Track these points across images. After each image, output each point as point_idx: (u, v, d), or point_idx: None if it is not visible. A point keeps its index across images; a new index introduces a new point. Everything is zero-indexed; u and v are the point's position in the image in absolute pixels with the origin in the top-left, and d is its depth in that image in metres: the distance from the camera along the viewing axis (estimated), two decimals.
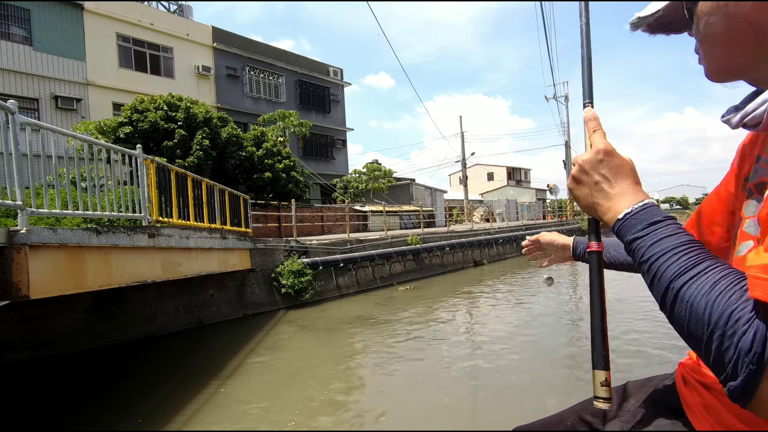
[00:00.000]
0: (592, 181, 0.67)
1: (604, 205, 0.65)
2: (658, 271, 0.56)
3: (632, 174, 0.66)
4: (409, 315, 8.51)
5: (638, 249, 0.59)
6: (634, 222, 0.61)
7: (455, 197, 31.46)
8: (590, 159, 0.67)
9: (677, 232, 0.58)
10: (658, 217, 0.60)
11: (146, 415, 4.34)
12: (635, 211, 0.62)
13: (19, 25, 14.88)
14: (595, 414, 0.87)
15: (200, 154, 12.23)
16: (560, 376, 5.08)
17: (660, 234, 0.58)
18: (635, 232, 0.60)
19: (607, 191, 0.65)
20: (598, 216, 0.68)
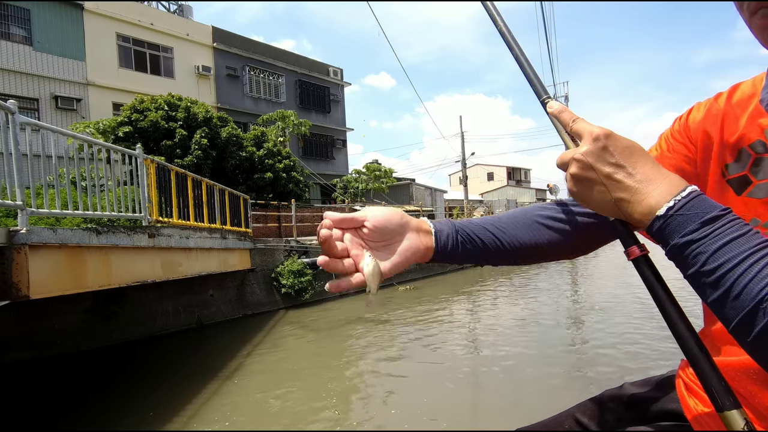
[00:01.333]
0: (603, 174, 0.52)
1: (630, 199, 0.51)
2: (738, 285, 0.43)
3: (647, 154, 0.54)
4: (410, 315, 8.51)
5: (696, 255, 0.46)
6: (682, 219, 0.48)
7: (455, 197, 31.45)
8: (591, 149, 0.53)
9: (747, 229, 0.46)
10: (714, 211, 0.47)
11: (146, 414, 4.34)
12: (681, 204, 0.48)
13: (19, 25, 14.87)
14: (592, 416, 0.87)
15: (199, 153, 12.23)
16: (560, 376, 5.07)
17: (727, 234, 0.45)
18: (687, 233, 0.47)
19: (626, 182, 0.51)
20: (624, 215, 0.53)
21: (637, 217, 0.51)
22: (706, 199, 0.49)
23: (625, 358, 5.45)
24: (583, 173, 0.54)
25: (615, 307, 8.35)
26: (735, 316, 0.44)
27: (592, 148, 0.53)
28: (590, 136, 0.54)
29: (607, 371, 5.06)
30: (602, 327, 7.05)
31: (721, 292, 0.44)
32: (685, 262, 0.47)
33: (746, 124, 0.63)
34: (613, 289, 10.06)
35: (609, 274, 13.44)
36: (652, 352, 5.61)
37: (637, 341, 6.10)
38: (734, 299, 0.44)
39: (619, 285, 10.25)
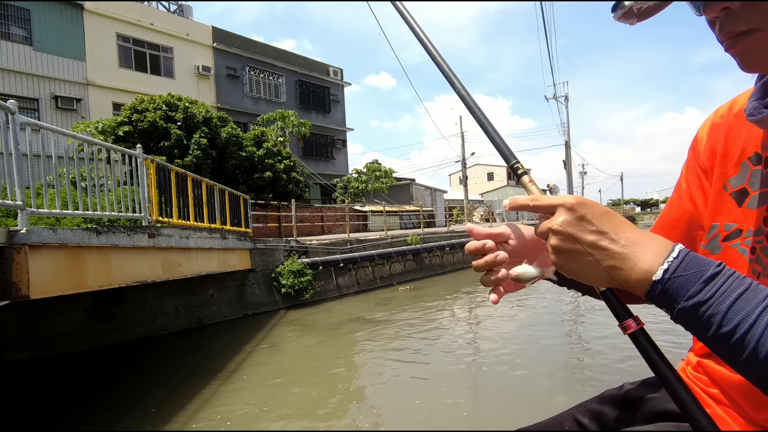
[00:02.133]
0: (587, 243, 0.51)
1: (621, 266, 0.50)
2: (763, 346, 0.42)
3: (622, 217, 0.53)
4: (409, 315, 8.51)
5: (709, 317, 0.45)
6: (682, 281, 0.46)
7: (455, 197, 31.46)
8: (569, 220, 0.52)
9: (748, 282, 0.45)
10: (710, 268, 0.46)
11: (148, 411, 4.34)
12: (675, 266, 0.47)
13: (19, 25, 14.88)
14: (592, 417, 0.87)
15: (198, 153, 12.23)
16: (560, 376, 5.08)
17: (733, 291, 0.45)
18: (692, 295, 0.46)
19: (612, 249, 0.50)
20: (619, 283, 0.51)
21: (633, 283, 0.50)
22: (696, 257, 0.48)
23: (625, 359, 5.45)
24: (567, 245, 0.52)
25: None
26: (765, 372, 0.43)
27: (569, 218, 0.52)
28: (564, 207, 0.53)
29: (607, 371, 5.06)
30: (603, 327, 7.05)
31: (749, 351, 0.43)
32: (699, 324, 0.46)
33: (745, 137, 0.64)
34: None
35: None
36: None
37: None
38: (764, 363, 0.42)
39: None
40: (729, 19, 0.51)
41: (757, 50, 0.51)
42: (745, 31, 0.50)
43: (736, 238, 0.64)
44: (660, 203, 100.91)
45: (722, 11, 0.51)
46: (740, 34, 0.51)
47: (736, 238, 0.64)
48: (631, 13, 0.57)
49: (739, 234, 0.64)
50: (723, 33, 0.52)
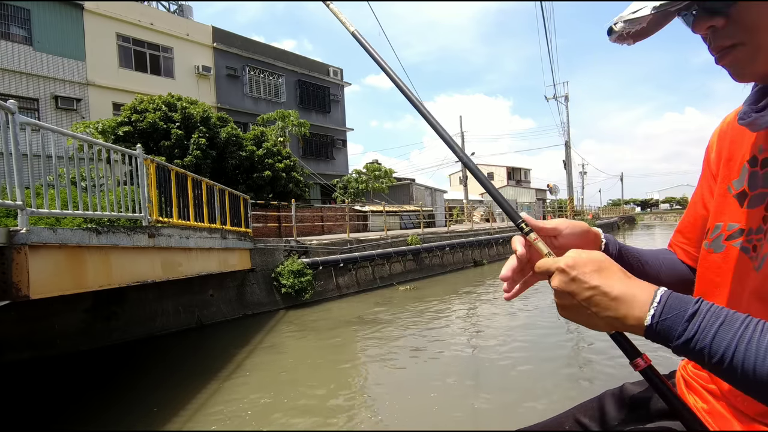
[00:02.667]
0: (584, 299, 0.58)
1: (617, 315, 0.56)
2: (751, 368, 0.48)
3: (612, 266, 0.59)
4: (410, 315, 8.51)
5: (699, 351, 0.51)
6: (669, 323, 0.53)
7: (455, 197, 31.45)
8: (563, 281, 0.59)
9: (723, 314, 0.52)
10: (690, 307, 0.53)
11: (146, 414, 4.34)
12: (659, 311, 0.54)
13: (19, 25, 14.87)
14: (593, 417, 0.87)
15: (198, 153, 12.23)
16: (560, 376, 5.08)
17: (712, 326, 0.51)
18: (679, 335, 0.52)
19: (606, 302, 0.57)
20: (621, 328, 0.58)
21: (632, 329, 0.57)
22: (676, 298, 0.55)
23: (625, 358, 5.45)
24: (566, 302, 0.60)
25: None
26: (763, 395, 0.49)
27: (565, 279, 0.59)
28: (559, 269, 0.60)
29: (608, 371, 5.06)
30: None
31: (739, 377, 0.50)
32: (693, 357, 0.53)
33: (746, 142, 0.70)
34: None
35: None
36: (653, 351, 5.61)
37: (638, 341, 6.09)
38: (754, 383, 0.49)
39: None
40: (716, 36, 0.58)
41: (742, 62, 0.58)
42: (730, 45, 0.57)
43: (739, 237, 0.68)
44: (660, 203, 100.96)
45: (709, 29, 0.58)
46: (726, 48, 0.58)
47: (739, 237, 0.68)
48: (624, 37, 0.63)
49: (741, 234, 0.67)
50: (712, 48, 0.59)
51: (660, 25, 0.63)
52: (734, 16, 0.56)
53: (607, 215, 52.17)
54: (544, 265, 0.63)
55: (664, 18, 0.62)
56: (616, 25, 0.62)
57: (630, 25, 0.61)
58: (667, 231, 37.98)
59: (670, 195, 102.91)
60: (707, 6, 0.57)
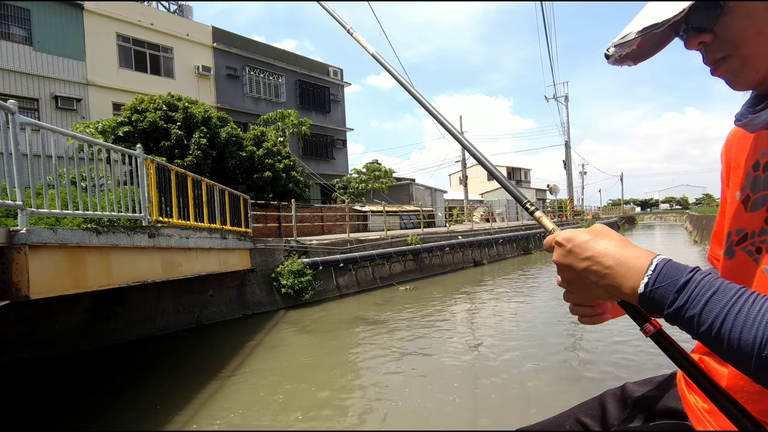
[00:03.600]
0: (581, 269, 0.59)
1: (614, 283, 0.57)
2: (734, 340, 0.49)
3: (609, 233, 0.60)
4: (410, 315, 8.51)
5: (688, 320, 0.52)
6: (662, 291, 0.53)
7: (455, 197, 31.45)
8: (560, 254, 0.62)
9: (717, 285, 0.52)
10: (683, 276, 0.53)
11: (147, 414, 4.34)
12: (653, 278, 0.54)
13: (19, 25, 14.87)
14: (594, 416, 0.87)
15: (198, 153, 12.23)
16: (561, 376, 5.07)
17: (703, 295, 0.51)
18: (670, 304, 0.53)
19: (602, 270, 0.58)
20: (618, 297, 0.59)
21: (628, 297, 0.57)
22: (672, 266, 0.55)
23: (626, 358, 5.45)
24: (566, 274, 0.63)
25: None
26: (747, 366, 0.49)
27: (562, 252, 0.62)
28: (556, 243, 0.63)
29: (609, 371, 5.06)
30: (604, 327, 7.05)
31: (726, 347, 0.50)
32: (683, 326, 0.53)
33: (750, 147, 0.71)
34: None
35: None
36: (652, 351, 5.61)
37: (638, 341, 6.09)
38: (738, 353, 0.49)
39: None
40: (708, 50, 0.62)
41: (734, 72, 0.61)
42: (721, 58, 0.62)
43: (745, 242, 0.69)
44: (660, 203, 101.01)
45: (701, 45, 0.62)
46: (718, 60, 0.62)
47: (745, 242, 0.69)
48: (621, 59, 0.67)
49: (747, 238, 0.69)
50: (706, 61, 0.63)
51: (661, 45, 0.68)
52: (719, 32, 0.60)
53: (607, 215, 52.20)
54: (548, 242, 0.65)
55: (664, 40, 0.67)
56: (609, 50, 0.66)
57: (621, 49, 0.65)
58: (667, 231, 37.99)
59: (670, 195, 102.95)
60: (694, 25, 0.61)
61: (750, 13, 0.57)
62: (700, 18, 0.59)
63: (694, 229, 27.75)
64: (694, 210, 50.57)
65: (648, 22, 0.59)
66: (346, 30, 1.00)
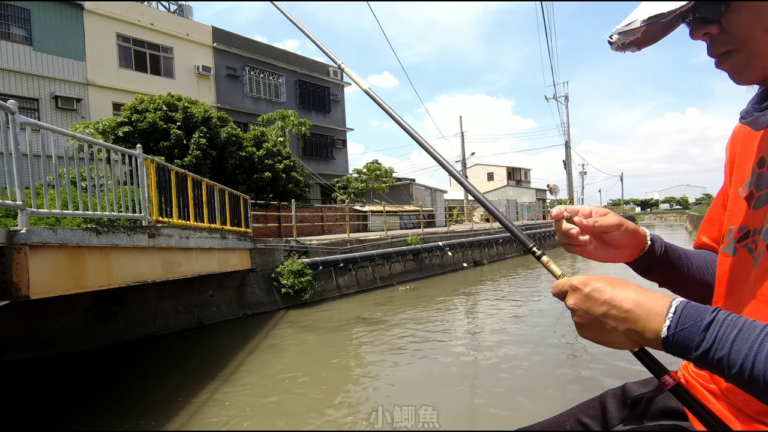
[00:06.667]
0: (600, 314, 0.58)
1: (635, 327, 0.56)
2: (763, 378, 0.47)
3: (623, 281, 0.60)
4: (409, 315, 8.51)
5: (718, 362, 0.50)
6: (686, 334, 0.52)
7: (455, 197, 31.44)
8: (578, 298, 0.60)
9: (741, 323, 0.51)
10: (706, 316, 0.52)
11: (145, 414, 4.34)
12: (675, 321, 0.53)
13: (19, 25, 14.86)
14: (594, 416, 0.87)
15: (198, 153, 12.22)
16: (561, 376, 5.07)
17: (729, 335, 0.50)
18: (697, 346, 0.51)
19: (621, 315, 0.56)
20: (641, 342, 0.57)
21: (650, 342, 0.56)
22: (692, 307, 0.54)
23: (626, 358, 5.45)
24: (584, 319, 0.60)
25: None
26: None
27: (579, 297, 0.60)
28: (571, 288, 0.61)
29: (609, 371, 5.06)
30: None
31: (763, 389, 0.48)
32: (715, 370, 0.51)
33: (755, 144, 0.71)
34: None
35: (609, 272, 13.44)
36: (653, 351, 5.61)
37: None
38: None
39: None
40: (713, 42, 0.61)
41: (738, 67, 0.61)
42: (725, 52, 0.61)
43: (747, 239, 0.68)
44: (660, 203, 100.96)
45: (706, 35, 0.61)
46: (723, 54, 0.61)
47: (747, 239, 0.68)
48: (625, 46, 0.65)
49: (749, 235, 0.68)
50: (711, 53, 0.62)
51: (667, 31, 0.66)
52: (726, 26, 0.58)
53: None
54: (558, 286, 0.63)
55: (670, 26, 0.65)
56: (612, 37, 0.65)
57: (625, 37, 0.64)
58: (666, 231, 37.97)
59: (670, 195, 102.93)
60: (701, 15, 0.60)
61: (758, 10, 0.56)
62: (706, 8, 0.59)
63: (694, 229, 27.77)
64: (694, 210, 50.56)
65: (654, 11, 0.58)
66: (337, 65, 1.02)
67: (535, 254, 0.69)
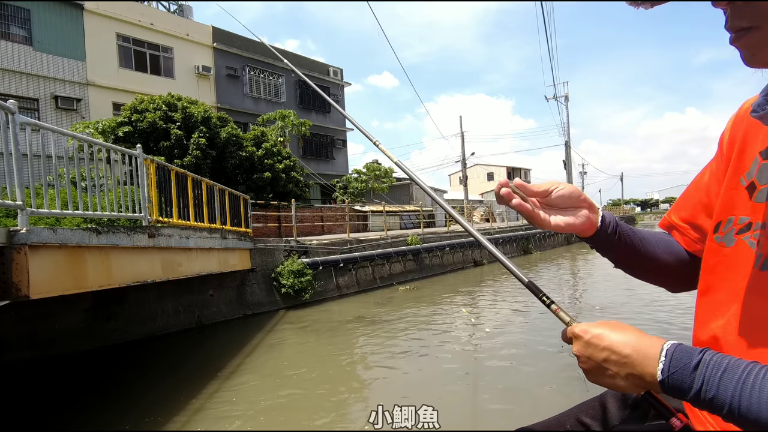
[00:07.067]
0: (601, 360, 0.60)
1: (635, 372, 0.58)
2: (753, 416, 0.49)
3: (619, 326, 0.62)
4: (410, 315, 8.51)
5: (709, 401, 0.52)
6: (678, 376, 0.54)
7: (455, 197, 31.44)
8: (579, 345, 0.63)
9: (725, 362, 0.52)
10: (693, 358, 0.54)
11: (145, 414, 4.33)
12: (667, 365, 0.55)
13: (19, 25, 14.86)
14: (594, 416, 0.86)
15: (197, 153, 12.22)
16: (561, 375, 5.07)
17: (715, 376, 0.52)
18: (688, 388, 0.53)
19: (621, 360, 0.58)
20: (643, 385, 0.59)
21: (650, 386, 0.58)
22: (681, 349, 0.55)
23: None
24: (587, 365, 0.63)
25: (616, 307, 8.35)
26: None
27: (580, 344, 0.63)
28: (573, 336, 0.64)
29: None
30: None
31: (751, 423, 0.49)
32: (712, 410, 0.53)
33: (761, 132, 0.68)
34: (614, 290, 10.07)
35: (610, 273, 13.44)
36: None
37: None
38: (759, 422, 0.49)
39: (620, 285, 10.25)
40: (734, 15, 0.55)
41: (753, 46, 0.55)
42: (746, 27, 0.55)
43: (747, 231, 0.67)
44: (660, 203, 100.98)
45: (729, 4, 0.55)
46: (743, 29, 0.55)
47: (747, 231, 0.67)
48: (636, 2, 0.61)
49: (750, 227, 0.67)
50: (729, 26, 0.56)
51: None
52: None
53: None
54: (565, 334, 0.67)
55: None
56: None
57: None
58: None
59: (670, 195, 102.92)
60: None
61: None
62: None
63: None
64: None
65: None
66: (372, 142, 1.08)
67: (545, 302, 0.71)
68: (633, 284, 9.89)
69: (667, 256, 0.82)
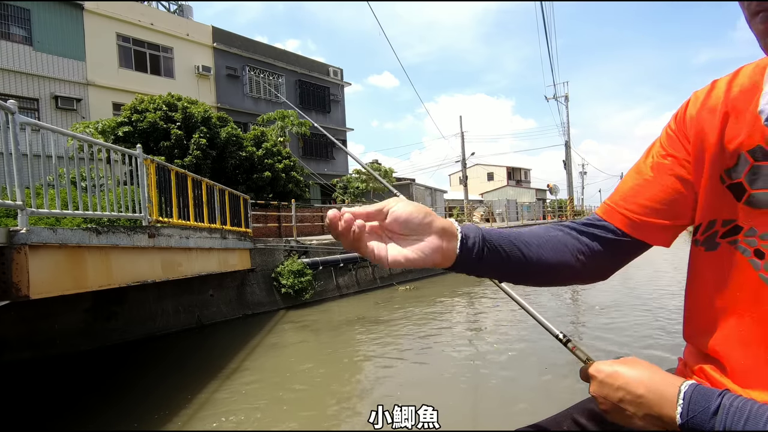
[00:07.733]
0: (617, 400, 0.59)
1: (651, 413, 0.56)
2: None
3: (635, 362, 0.60)
4: (410, 315, 8.51)
5: None
6: (697, 421, 0.52)
7: (455, 197, 31.45)
8: (595, 386, 0.62)
9: (748, 408, 0.51)
10: (713, 402, 0.52)
11: (145, 414, 4.34)
12: (686, 408, 0.53)
13: (19, 25, 14.87)
14: (590, 416, 0.86)
15: (198, 153, 12.23)
16: (559, 375, 5.07)
17: (737, 423, 0.50)
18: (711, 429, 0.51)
19: (636, 400, 0.57)
20: (663, 426, 0.56)
21: (668, 427, 0.55)
22: (700, 391, 0.54)
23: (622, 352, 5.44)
24: (606, 406, 0.61)
25: (616, 307, 8.35)
26: None
27: (596, 385, 0.62)
28: (591, 376, 0.63)
29: None
30: (602, 327, 7.05)
31: None
32: None
33: (746, 126, 0.60)
34: (614, 290, 10.06)
35: None
36: (652, 352, 5.62)
37: (638, 341, 6.10)
38: None
39: (620, 286, 10.24)
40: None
41: None
42: None
43: (736, 235, 0.62)
44: None
45: None
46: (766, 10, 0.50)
47: (736, 235, 0.62)
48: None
49: (739, 231, 0.61)
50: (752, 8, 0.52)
51: None
52: None
53: None
54: (582, 373, 0.66)
55: None
56: None
57: None
58: None
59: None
60: None
61: None
62: None
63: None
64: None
65: None
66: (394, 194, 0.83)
67: (562, 341, 0.71)
68: (633, 284, 9.89)
69: (560, 255, 0.73)
